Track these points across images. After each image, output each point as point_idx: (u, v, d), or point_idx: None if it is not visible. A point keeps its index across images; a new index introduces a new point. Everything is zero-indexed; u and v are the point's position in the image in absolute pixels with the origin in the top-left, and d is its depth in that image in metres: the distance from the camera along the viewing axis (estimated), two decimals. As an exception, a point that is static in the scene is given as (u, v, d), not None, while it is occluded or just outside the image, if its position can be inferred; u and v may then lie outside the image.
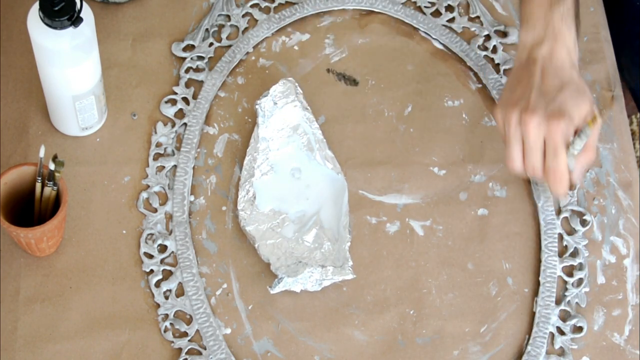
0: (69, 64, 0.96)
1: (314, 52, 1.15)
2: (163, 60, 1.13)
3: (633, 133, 1.85)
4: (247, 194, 1.04)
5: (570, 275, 1.06)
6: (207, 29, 1.15)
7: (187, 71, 1.12)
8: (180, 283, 1.01)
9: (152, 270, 1.02)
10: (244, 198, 1.04)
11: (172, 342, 0.99)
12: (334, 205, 1.05)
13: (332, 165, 1.06)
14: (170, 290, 1.01)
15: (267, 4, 1.17)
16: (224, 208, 1.05)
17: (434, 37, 1.17)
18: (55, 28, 0.92)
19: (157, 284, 1.01)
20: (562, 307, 1.04)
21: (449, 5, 1.19)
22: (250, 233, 1.02)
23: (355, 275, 1.01)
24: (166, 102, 1.10)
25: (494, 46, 1.17)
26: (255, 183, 1.05)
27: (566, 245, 1.07)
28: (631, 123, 1.84)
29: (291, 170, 1.07)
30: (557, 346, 1.02)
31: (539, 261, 1.06)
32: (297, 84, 1.07)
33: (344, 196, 1.04)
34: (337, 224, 1.04)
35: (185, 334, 0.99)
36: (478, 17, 1.19)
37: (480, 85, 1.15)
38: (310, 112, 1.07)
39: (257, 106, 1.05)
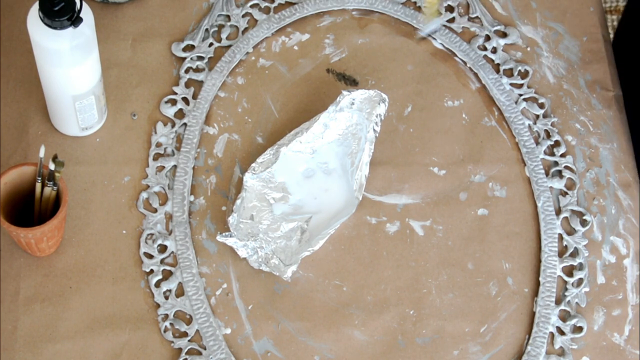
0: (69, 64, 0.96)
1: (314, 52, 1.15)
2: (163, 60, 1.13)
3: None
4: (269, 156, 1.04)
5: (570, 275, 1.06)
6: (207, 29, 1.15)
7: (187, 71, 1.12)
8: (180, 283, 1.01)
9: (152, 270, 1.02)
10: (264, 157, 1.04)
11: (172, 342, 0.99)
12: (329, 219, 1.05)
13: (357, 189, 1.06)
14: (170, 290, 1.01)
15: (267, 4, 1.17)
16: (223, 208, 1.05)
17: (433, 37, 1.17)
18: (55, 28, 0.92)
19: (157, 284, 1.01)
20: (562, 307, 1.04)
21: (449, 5, 1.19)
22: (247, 183, 1.03)
23: (289, 281, 1.02)
24: (166, 102, 1.10)
25: (494, 46, 1.17)
26: (286, 152, 1.05)
27: (566, 245, 1.07)
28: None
29: (324, 166, 1.07)
30: (557, 346, 1.02)
31: (539, 261, 1.06)
32: (386, 107, 1.07)
33: (343, 218, 1.04)
34: (318, 232, 1.04)
35: (185, 334, 0.99)
36: (478, 17, 1.19)
37: (480, 85, 1.15)
38: (377, 136, 1.08)
39: (343, 92, 1.05)
